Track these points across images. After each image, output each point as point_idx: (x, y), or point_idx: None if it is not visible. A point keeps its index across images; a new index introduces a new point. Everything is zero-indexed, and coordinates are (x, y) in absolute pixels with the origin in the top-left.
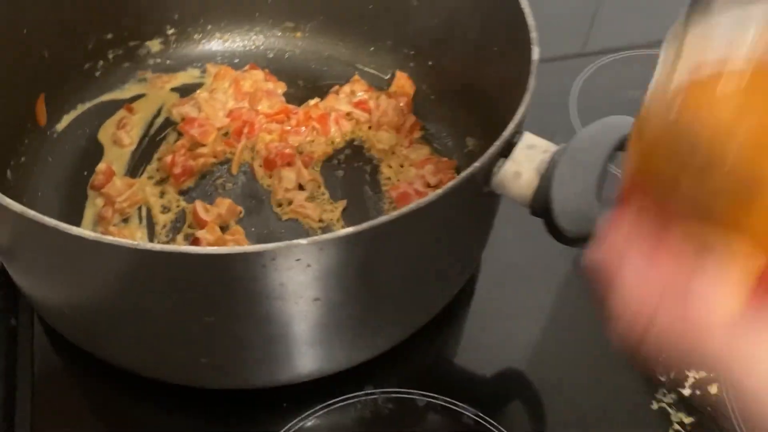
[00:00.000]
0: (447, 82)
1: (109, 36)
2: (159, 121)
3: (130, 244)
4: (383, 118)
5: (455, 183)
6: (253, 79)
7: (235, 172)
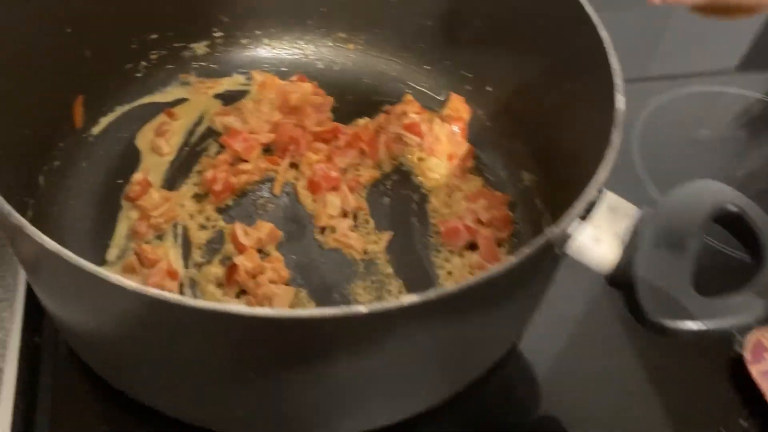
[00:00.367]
0: (506, 110)
1: (154, 36)
2: (200, 130)
3: (169, 297)
4: (435, 144)
5: (533, 251)
6: (301, 92)
7: (278, 192)
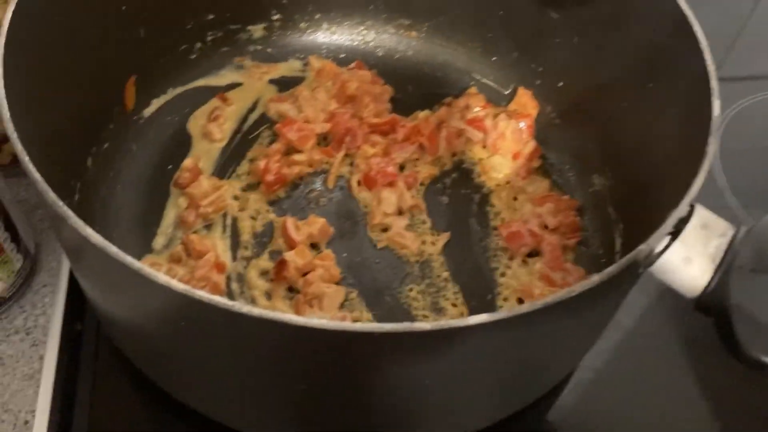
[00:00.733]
0: (578, 107)
1: (210, 17)
2: (254, 117)
3: (222, 303)
4: (500, 140)
5: (617, 269)
6: (359, 81)
7: (332, 186)
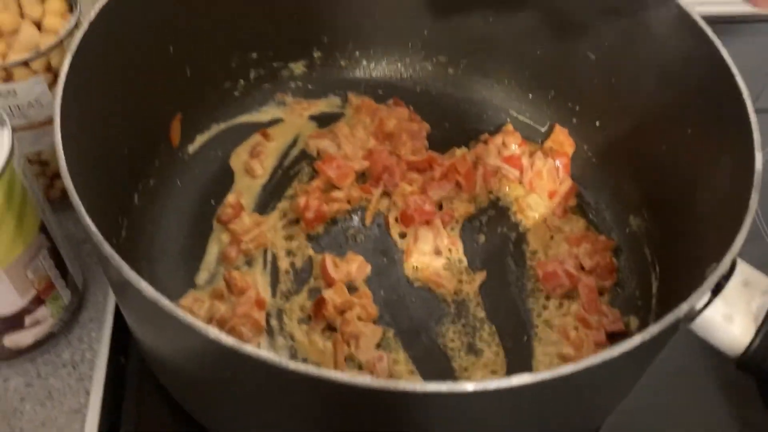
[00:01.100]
0: (615, 147)
1: (254, 55)
2: (294, 153)
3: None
4: (536, 179)
5: (661, 330)
6: (397, 118)
7: (369, 223)
